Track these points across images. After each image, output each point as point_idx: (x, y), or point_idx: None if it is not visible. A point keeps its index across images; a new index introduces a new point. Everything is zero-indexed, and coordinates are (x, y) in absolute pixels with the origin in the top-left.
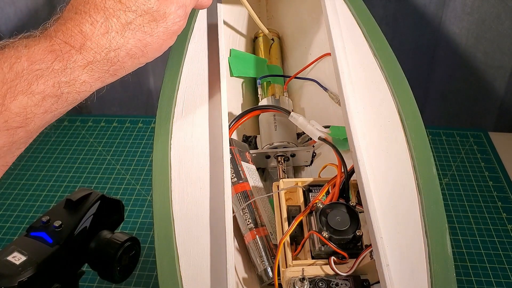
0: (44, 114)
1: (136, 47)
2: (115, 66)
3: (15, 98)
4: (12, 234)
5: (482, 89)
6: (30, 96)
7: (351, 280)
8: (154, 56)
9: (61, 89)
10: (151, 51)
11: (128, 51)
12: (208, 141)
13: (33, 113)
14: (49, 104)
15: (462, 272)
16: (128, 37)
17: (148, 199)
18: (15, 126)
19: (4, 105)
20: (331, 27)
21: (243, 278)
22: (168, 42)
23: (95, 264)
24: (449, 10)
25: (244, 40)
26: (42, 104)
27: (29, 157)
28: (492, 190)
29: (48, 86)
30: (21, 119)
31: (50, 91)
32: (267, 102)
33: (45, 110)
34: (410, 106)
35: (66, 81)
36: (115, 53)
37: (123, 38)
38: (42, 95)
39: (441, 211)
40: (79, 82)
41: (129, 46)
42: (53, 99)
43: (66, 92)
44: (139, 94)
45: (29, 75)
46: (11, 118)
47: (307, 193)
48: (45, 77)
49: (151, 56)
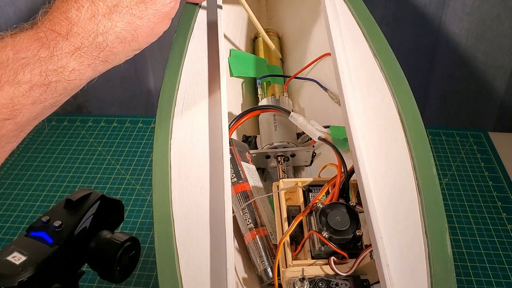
0: (33, 105)
1: (125, 30)
2: (104, 51)
3: (1, 88)
4: (12, 234)
5: (482, 89)
6: (16, 86)
7: (351, 280)
8: (146, 41)
9: (48, 77)
10: (142, 36)
11: (117, 34)
12: (208, 141)
13: (21, 104)
14: (38, 94)
15: (462, 272)
16: (115, 20)
17: (148, 199)
18: (2, 118)
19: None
20: (331, 27)
21: (243, 278)
22: (160, 25)
23: (95, 264)
24: (449, 10)
25: (244, 40)
26: (30, 94)
27: (29, 157)
28: (492, 190)
29: (35, 75)
30: (9, 111)
31: (37, 80)
32: (267, 102)
33: (34, 101)
34: (410, 106)
35: (53, 69)
36: (103, 37)
37: (111, 21)
38: (29, 85)
39: (441, 211)
40: (68, 70)
41: (117, 29)
42: (41, 88)
43: (55, 81)
44: (139, 94)
45: (15, 64)
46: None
47: (307, 193)
48: (31, 65)
49: (143, 40)
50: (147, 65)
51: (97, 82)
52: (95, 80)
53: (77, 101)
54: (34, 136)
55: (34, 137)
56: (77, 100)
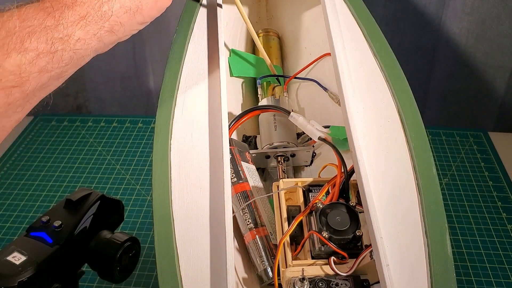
0: (39, 73)
1: (130, 0)
2: (109, 21)
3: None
4: (12, 234)
5: (482, 89)
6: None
7: (351, 280)
8: (150, 14)
9: (54, 45)
10: (147, 8)
11: (122, 4)
12: (208, 141)
13: (28, 72)
14: (44, 63)
15: (462, 272)
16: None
17: (148, 199)
18: (10, 86)
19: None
20: (331, 27)
21: (243, 278)
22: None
23: (95, 264)
24: (449, 10)
25: (244, 40)
26: (37, 62)
27: (29, 157)
28: (492, 190)
29: (41, 43)
30: (16, 78)
31: (43, 48)
32: (267, 102)
33: (40, 69)
34: (410, 106)
35: (59, 37)
36: (108, 6)
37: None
38: (35, 52)
39: (441, 211)
40: (73, 39)
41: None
42: (48, 56)
43: (61, 49)
44: (139, 94)
45: (21, 32)
46: (5, 76)
47: (307, 193)
48: (37, 33)
49: (147, 13)
50: (147, 65)
51: (97, 82)
52: (96, 81)
53: (77, 101)
54: (34, 136)
55: (34, 137)
56: (77, 100)
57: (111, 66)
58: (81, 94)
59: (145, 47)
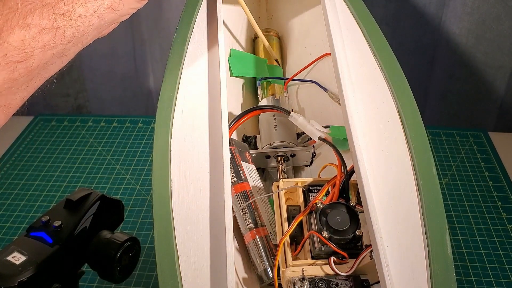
0: (43, 50)
1: None
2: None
3: (12, 31)
4: (12, 234)
5: (482, 89)
6: (26, 28)
7: (351, 280)
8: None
9: (56, 21)
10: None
11: None
12: (208, 141)
13: (32, 47)
14: (47, 38)
15: (462, 272)
16: None
17: (148, 199)
18: (15, 61)
19: (2, 38)
20: (331, 27)
21: (243, 278)
22: None
23: (95, 264)
24: (449, 10)
25: (244, 40)
26: (40, 37)
27: (29, 157)
28: (492, 190)
29: (43, 19)
30: (20, 53)
31: (46, 24)
32: (267, 102)
33: (44, 45)
34: (410, 106)
35: (61, 13)
36: None
37: None
38: (38, 28)
39: (441, 211)
40: (75, 16)
41: None
42: (50, 32)
43: (63, 26)
44: (139, 94)
45: (23, 9)
46: (10, 51)
47: (307, 193)
48: (39, 9)
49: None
50: (147, 65)
51: (97, 82)
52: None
53: (77, 101)
54: (34, 136)
55: (34, 137)
56: (77, 100)
57: (111, 66)
58: (81, 94)
59: (145, 47)
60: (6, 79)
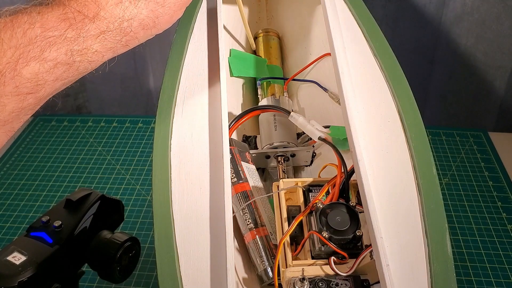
0: (54, 81)
1: (148, 17)
2: (127, 36)
3: (27, 64)
4: (12, 234)
5: (482, 89)
6: (42, 62)
7: (351, 280)
8: (164, 27)
9: (73, 57)
10: (163, 22)
11: (141, 21)
12: (208, 141)
13: (44, 80)
14: (61, 72)
15: (462, 272)
16: (141, 7)
17: (148, 199)
18: (25, 92)
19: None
20: (331, 27)
21: (243, 278)
22: (177, 13)
23: (95, 264)
24: (449, 10)
25: (244, 40)
26: (54, 71)
27: (29, 157)
28: (492, 190)
29: (61, 54)
30: (32, 85)
31: (62, 59)
32: (267, 102)
33: (56, 78)
34: (410, 106)
35: (78, 49)
36: (128, 23)
37: (137, 8)
38: (54, 62)
39: (441, 211)
40: (91, 51)
41: (142, 16)
42: (65, 67)
43: (78, 61)
44: (139, 94)
45: (42, 42)
46: (22, 83)
47: (307, 193)
48: (58, 44)
49: (162, 27)
50: (147, 65)
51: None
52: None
53: (77, 101)
54: (34, 136)
55: (34, 137)
56: (77, 100)
57: (111, 66)
58: (81, 95)
59: (145, 47)
60: (15, 108)
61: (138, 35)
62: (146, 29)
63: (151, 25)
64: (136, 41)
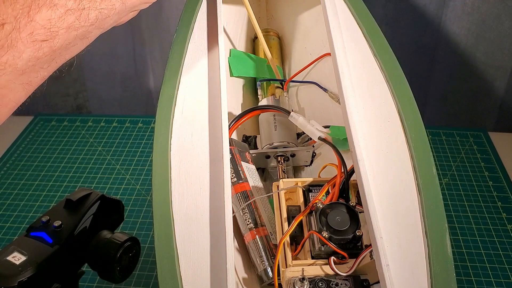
0: (67, 30)
1: None
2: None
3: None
4: (12, 234)
5: (482, 89)
6: (53, 8)
7: (351, 280)
8: None
9: (82, 3)
10: None
11: None
12: (208, 141)
13: (57, 27)
14: (72, 19)
15: (462, 272)
16: None
17: (148, 199)
18: (40, 39)
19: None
20: (331, 27)
21: (243, 278)
22: None
23: (95, 264)
24: (449, 10)
25: (244, 40)
26: (65, 18)
27: (29, 157)
28: (492, 190)
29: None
30: (46, 32)
31: (71, 5)
32: (267, 102)
33: (68, 26)
34: (410, 106)
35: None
36: None
37: None
38: (64, 9)
39: (441, 211)
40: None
41: None
42: (76, 13)
43: (88, 7)
44: (139, 94)
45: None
46: (37, 29)
47: (307, 193)
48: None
49: None
50: (147, 65)
51: (97, 82)
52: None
53: (77, 101)
54: (34, 136)
55: (34, 137)
56: (77, 100)
57: (111, 66)
58: (81, 94)
59: (145, 47)
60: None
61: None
62: None
63: None
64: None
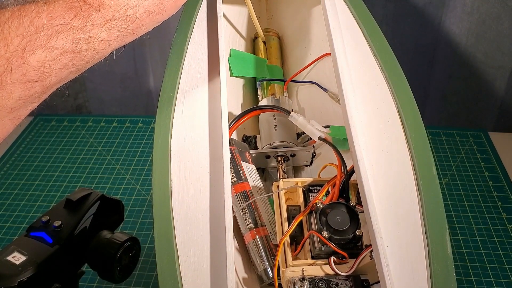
0: (61, 70)
1: (153, 4)
2: (133, 24)
3: (34, 52)
4: (12, 234)
5: (482, 89)
6: (48, 50)
7: (351, 280)
8: (170, 13)
9: (79, 45)
10: (168, 8)
11: (146, 8)
12: (208, 141)
13: (51, 68)
14: (67, 60)
15: (462, 272)
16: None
17: (148, 199)
18: (32, 80)
19: (23, 58)
20: (331, 27)
21: (243, 278)
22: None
23: (95, 264)
24: (449, 10)
25: (244, 40)
26: (60, 59)
27: (29, 157)
28: (492, 190)
29: (67, 42)
30: (39, 73)
31: (68, 47)
32: (267, 102)
33: (63, 66)
34: (410, 106)
35: (85, 38)
36: (133, 10)
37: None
38: (60, 51)
39: (441, 211)
40: (98, 40)
41: (146, 3)
42: (71, 55)
43: (85, 49)
44: (139, 94)
45: (49, 30)
46: (29, 71)
47: (307, 193)
48: (64, 32)
49: (167, 13)
50: (147, 65)
51: (97, 82)
52: (96, 81)
53: (77, 101)
54: (34, 136)
55: (34, 137)
56: (77, 100)
57: (111, 66)
58: (81, 94)
59: (145, 47)
60: (22, 96)
61: (144, 22)
62: (152, 16)
63: (157, 11)
64: (142, 29)
